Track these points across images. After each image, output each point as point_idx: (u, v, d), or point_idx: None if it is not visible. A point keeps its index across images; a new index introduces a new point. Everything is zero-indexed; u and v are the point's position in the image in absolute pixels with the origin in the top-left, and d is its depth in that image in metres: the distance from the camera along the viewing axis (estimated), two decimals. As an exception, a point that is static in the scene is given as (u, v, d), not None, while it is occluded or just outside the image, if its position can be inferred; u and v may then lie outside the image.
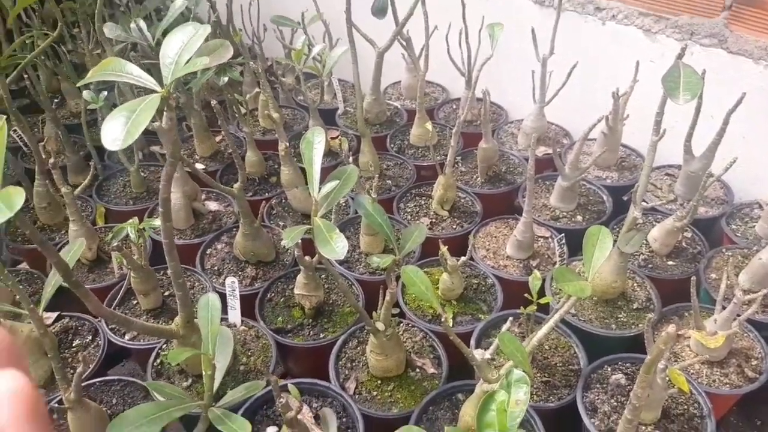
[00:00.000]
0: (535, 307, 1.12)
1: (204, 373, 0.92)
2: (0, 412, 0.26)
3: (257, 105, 1.98)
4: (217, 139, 1.86)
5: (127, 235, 1.25)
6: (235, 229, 1.53)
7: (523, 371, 0.76)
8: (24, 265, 1.62)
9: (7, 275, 0.97)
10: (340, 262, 1.43)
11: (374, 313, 1.11)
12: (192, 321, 1.04)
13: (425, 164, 1.74)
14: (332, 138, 1.85)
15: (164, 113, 0.83)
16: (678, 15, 1.58)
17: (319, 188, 0.97)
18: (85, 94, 1.53)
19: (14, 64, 1.60)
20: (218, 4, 2.20)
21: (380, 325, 1.09)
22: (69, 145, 1.80)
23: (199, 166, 1.75)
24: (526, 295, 1.13)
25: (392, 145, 1.83)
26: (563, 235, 1.36)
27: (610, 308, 1.25)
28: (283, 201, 1.64)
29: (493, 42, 1.50)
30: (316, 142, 0.98)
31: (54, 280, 0.99)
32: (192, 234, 1.53)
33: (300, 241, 1.04)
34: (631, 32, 1.67)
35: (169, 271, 0.97)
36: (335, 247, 0.88)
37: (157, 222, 1.19)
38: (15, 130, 1.85)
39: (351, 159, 1.49)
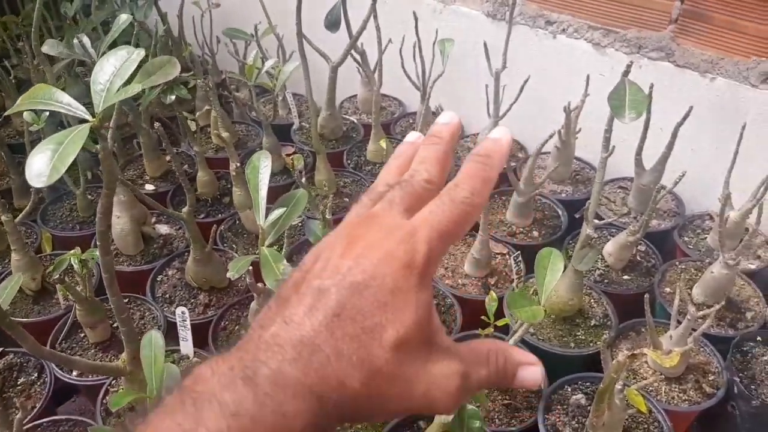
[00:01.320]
0: (492, 329, 1.11)
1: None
2: None
3: (209, 122, 1.94)
4: (167, 158, 1.80)
5: (71, 266, 1.20)
6: (187, 254, 1.48)
7: (477, 405, 0.75)
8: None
9: None
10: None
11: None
12: (139, 357, 1.00)
13: (382, 181, 1.72)
14: (287, 155, 1.82)
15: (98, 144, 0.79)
16: (626, 29, 1.60)
17: (266, 216, 0.94)
18: (26, 114, 1.45)
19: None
20: (169, 15, 2.15)
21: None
22: (13, 167, 1.72)
23: (149, 186, 1.69)
24: (483, 317, 1.12)
25: (349, 162, 1.81)
26: (519, 252, 1.36)
27: (568, 326, 1.26)
28: (237, 223, 1.59)
29: (444, 58, 1.49)
30: (262, 167, 0.96)
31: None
32: (142, 260, 1.47)
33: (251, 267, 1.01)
34: (581, 46, 1.69)
35: (112, 306, 0.92)
36: (283, 279, 0.85)
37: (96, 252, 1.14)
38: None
39: (304, 178, 1.47)
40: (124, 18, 1.54)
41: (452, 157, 0.39)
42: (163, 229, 1.56)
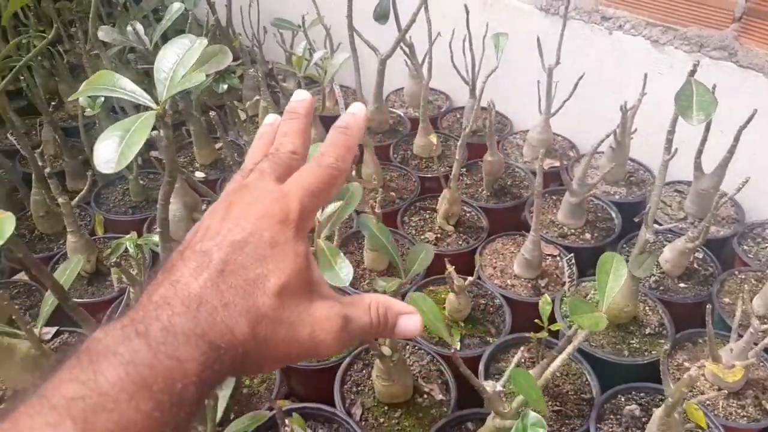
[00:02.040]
0: (546, 334, 1.09)
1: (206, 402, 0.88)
2: None
3: (257, 111, 1.94)
4: (218, 146, 1.81)
5: (126, 249, 1.21)
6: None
7: (539, 412, 0.73)
8: (22, 276, 1.58)
9: (1, 294, 0.94)
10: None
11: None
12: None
13: (429, 176, 1.70)
14: (334, 147, 1.81)
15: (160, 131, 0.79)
16: (687, 26, 1.55)
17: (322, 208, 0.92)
18: (81, 99, 1.48)
19: (9, 66, 1.55)
20: (217, 5, 2.16)
21: (386, 350, 1.06)
22: (67, 150, 1.76)
23: (199, 174, 1.71)
24: (536, 320, 1.10)
25: (395, 155, 1.80)
26: (572, 255, 1.33)
27: (622, 333, 1.22)
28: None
29: (497, 52, 1.46)
30: (318, 158, 0.94)
31: (52, 299, 0.94)
32: (191, 248, 1.48)
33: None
34: (638, 43, 1.64)
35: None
36: (340, 273, 0.84)
37: (157, 238, 1.15)
38: (11, 134, 1.81)
39: (354, 171, 1.46)
40: (176, 6, 1.55)
41: (310, 130, 0.43)
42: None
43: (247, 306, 0.33)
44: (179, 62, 0.69)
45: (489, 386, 0.88)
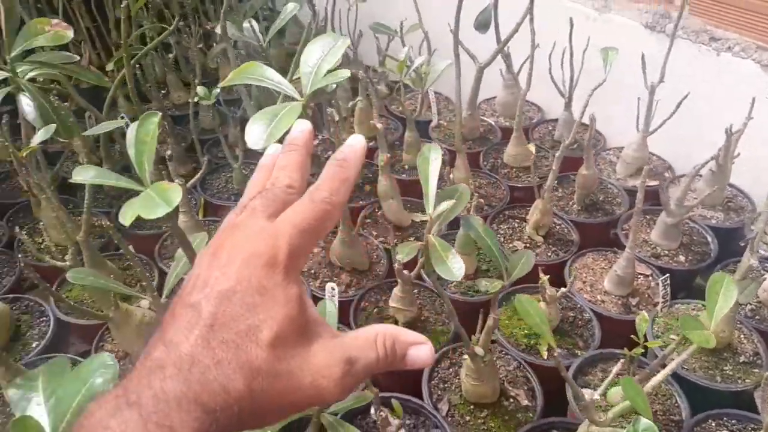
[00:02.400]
0: (642, 350, 1.08)
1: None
2: None
3: (349, 113, 2.01)
4: (314, 143, 1.88)
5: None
6: (330, 235, 1.55)
7: (650, 421, 0.74)
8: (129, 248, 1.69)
9: (137, 262, 1.02)
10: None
11: (472, 337, 1.10)
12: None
13: (519, 185, 1.72)
14: (425, 150, 1.85)
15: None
16: (801, 53, 1.50)
17: (434, 205, 0.96)
18: (199, 89, 1.58)
19: (131, 54, 1.67)
20: (318, 7, 2.25)
21: (479, 350, 1.08)
22: (173, 137, 1.87)
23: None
24: (632, 336, 1.09)
25: (485, 163, 1.82)
26: (668, 275, 1.32)
27: (716, 359, 1.20)
28: (376, 211, 1.65)
29: (606, 66, 1.46)
30: (433, 158, 0.98)
31: (177, 271, 1.02)
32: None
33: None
34: (747, 66, 1.60)
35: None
36: (451, 267, 0.87)
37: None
38: (122, 117, 1.95)
39: (448, 174, 1.49)
40: (291, 6, 1.63)
41: (309, 162, 0.42)
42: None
43: (240, 362, 0.32)
44: (323, 58, 0.74)
45: (587, 394, 0.89)
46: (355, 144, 0.42)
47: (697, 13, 1.68)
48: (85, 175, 0.69)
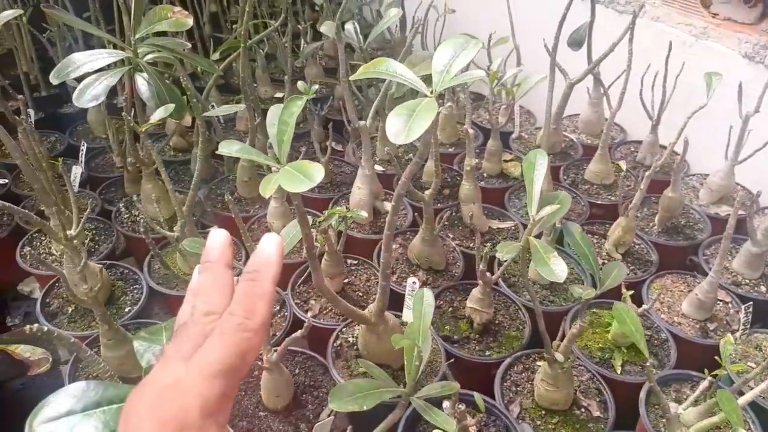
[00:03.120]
0: (724, 372, 1.08)
1: (408, 363, 0.98)
2: None
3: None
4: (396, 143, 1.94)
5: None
6: (408, 233, 1.60)
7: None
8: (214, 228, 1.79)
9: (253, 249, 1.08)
10: (507, 285, 1.45)
11: (553, 343, 1.12)
12: (384, 311, 1.11)
13: (599, 202, 1.72)
14: (505, 161, 1.88)
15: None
16: None
17: (538, 209, 0.99)
18: (300, 84, 1.66)
19: (232, 48, 1.78)
20: (407, 15, 2.31)
21: (559, 356, 1.10)
22: (261, 128, 1.96)
23: (378, 168, 1.84)
24: (716, 358, 1.09)
25: (565, 177, 1.83)
26: (751, 303, 1.30)
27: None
28: (454, 214, 1.69)
29: (709, 91, 1.46)
30: (538, 164, 1.01)
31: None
32: (370, 230, 1.62)
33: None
34: None
35: (381, 260, 1.03)
36: (554, 269, 0.90)
37: (364, 213, 1.28)
38: (213, 106, 2.06)
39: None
40: (394, 12, 1.71)
41: (230, 274, 0.38)
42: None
43: None
44: (455, 58, 0.78)
45: (673, 407, 0.90)
46: (269, 250, 0.37)
47: (800, 46, 1.65)
48: (230, 148, 0.76)
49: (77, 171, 1.77)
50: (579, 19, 1.63)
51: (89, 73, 1.29)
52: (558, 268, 0.87)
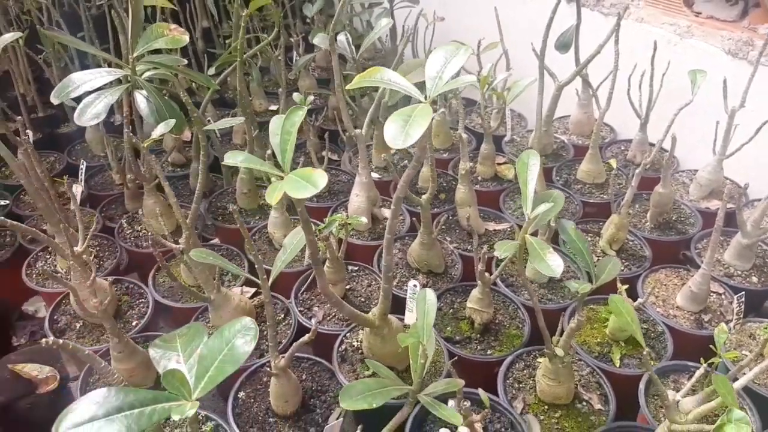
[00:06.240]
0: (720, 360, 1.12)
1: (414, 361, 1.01)
2: None
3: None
4: (392, 151, 1.98)
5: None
6: (407, 237, 1.63)
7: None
8: (216, 241, 1.82)
9: (257, 258, 1.10)
10: (506, 285, 1.49)
11: (552, 338, 1.15)
12: (387, 314, 1.14)
13: (592, 201, 1.76)
14: (498, 164, 1.92)
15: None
16: None
17: (532, 207, 1.02)
18: (295, 96, 1.69)
19: (227, 62, 1.81)
20: (397, 24, 2.36)
21: (560, 351, 1.13)
22: (258, 140, 1.99)
23: (375, 175, 1.87)
24: (711, 347, 1.13)
25: (558, 178, 1.87)
26: (743, 293, 1.34)
27: (792, 377, 1.22)
28: (449, 218, 1.72)
29: (694, 88, 1.50)
30: (531, 164, 1.04)
31: (281, 262, 1.11)
32: (369, 237, 1.65)
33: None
34: (830, 95, 1.61)
35: (383, 263, 1.06)
36: (550, 263, 0.93)
37: (363, 220, 1.30)
38: (209, 121, 2.09)
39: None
40: (384, 22, 1.74)
41: None
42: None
43: None
44: (446, 65, 0.82)
45: (671, 395, 0.93)
46: None
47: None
48: (235, 158, 0.79)
49: (78, 189, 1.80)
50: (566, 22, 1.68)
51: (89, 92, 1.32)
52: (554, 263, 0.90)
